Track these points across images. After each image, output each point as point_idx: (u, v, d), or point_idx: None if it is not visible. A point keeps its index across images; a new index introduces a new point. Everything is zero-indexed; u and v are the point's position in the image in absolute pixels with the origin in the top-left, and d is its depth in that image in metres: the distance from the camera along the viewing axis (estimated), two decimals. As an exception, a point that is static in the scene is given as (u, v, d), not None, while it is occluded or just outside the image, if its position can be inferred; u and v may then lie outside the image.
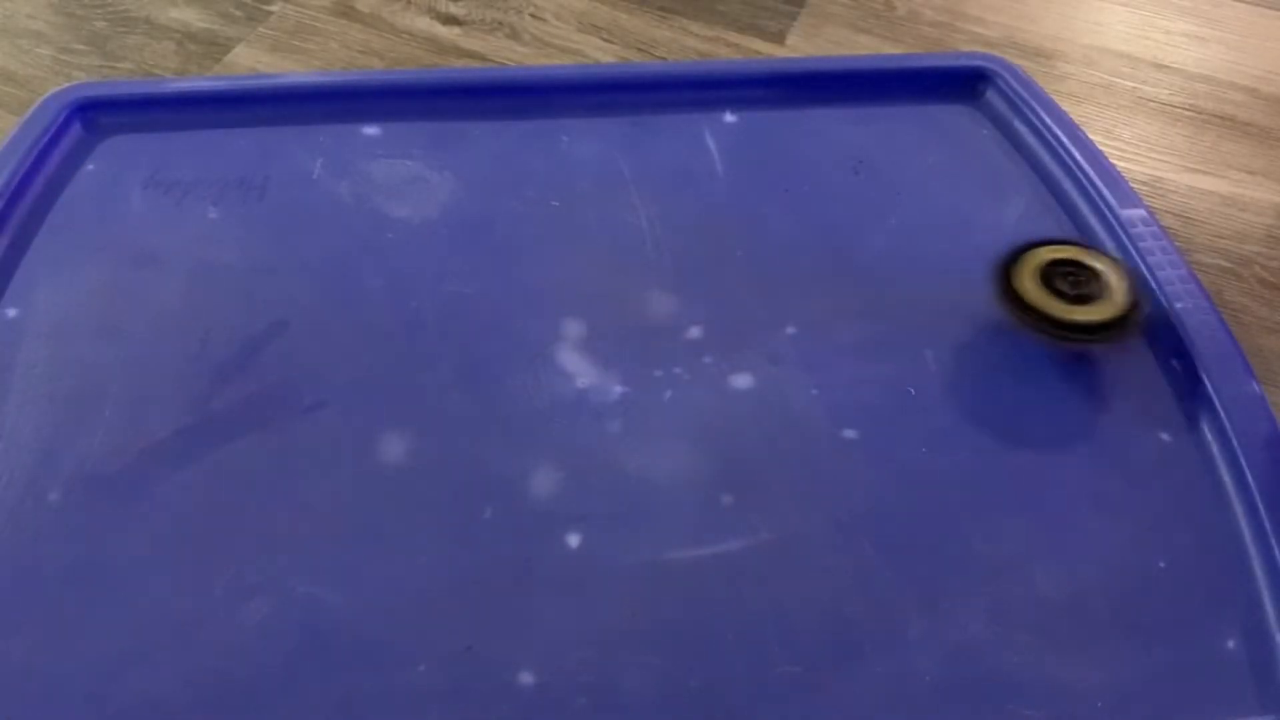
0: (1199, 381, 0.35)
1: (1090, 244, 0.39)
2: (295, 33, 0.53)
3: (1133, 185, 0.42)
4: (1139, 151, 0.50)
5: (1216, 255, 0.45)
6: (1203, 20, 0.58)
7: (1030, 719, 0.28)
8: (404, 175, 0.42)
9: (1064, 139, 0.43)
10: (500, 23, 0.55)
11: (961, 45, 0.55)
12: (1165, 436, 0.34)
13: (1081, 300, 0.35)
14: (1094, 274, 0.36)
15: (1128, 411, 0.35)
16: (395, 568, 0.30)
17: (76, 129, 0.43)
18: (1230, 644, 0.30)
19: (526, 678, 0.28)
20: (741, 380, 0.35)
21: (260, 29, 0.54)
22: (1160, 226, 0.40)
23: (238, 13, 0.55)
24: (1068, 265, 0.36)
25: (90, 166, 0.41)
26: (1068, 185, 0.42)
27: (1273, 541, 0.31)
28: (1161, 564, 0.31)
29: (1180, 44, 0.56)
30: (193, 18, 0.54)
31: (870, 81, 0.47)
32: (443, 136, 0.43)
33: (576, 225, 0.40)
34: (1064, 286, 0.36)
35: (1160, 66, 0.55)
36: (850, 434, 0.34)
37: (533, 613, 0.30)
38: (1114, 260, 0.37)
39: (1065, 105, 0.45)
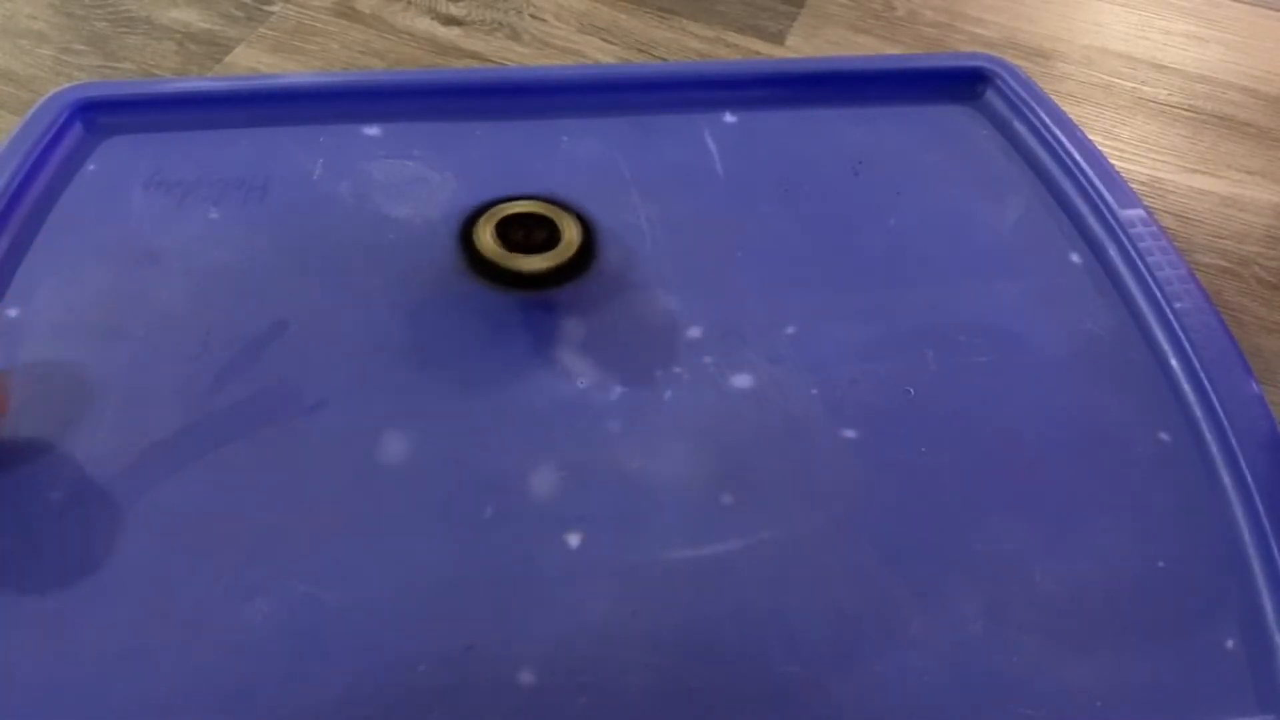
0: (1199, 381, 0.35)
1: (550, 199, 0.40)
2: (296, 33, 0.53)
3: (1132, 185, 0.42)
4: (1138, 151, 0.50)
5: (1216, 255, 0.45)
6: (1202, 20, 0.58)
7: (1030, 719, 0.28)
8: (404, 175, 0.42)
9: (1063, 139, 0.43)
10: (500, 23, 0.55)
11: (961, 45, 0.55)
12: (1165, 436, 0.34)
13: (534, 249, 0.38)
14: (549, 225, 0.38)
15: (1128, 411, 0.35)
16: (395, 567, 0.30)
17: (77, 129, 0.43)
18: (1230, 644, 0.30)
19: (526, 677, 0.28)
20: (741, 380, 0.35)
21: (261, 29, 0.54)
22: (1159, 226, 0.40)
23: (238, 13, 0.55)
24: (526, 219, 0.39)
25: (91, 166, 0.42)
26: (1067, 185, 0.42)
27: (1272, 541, 0.31)
28: (1161, 564, 0.31)
29: (1180, 44, 0.56)
30: (193, 18, 0.54)
31: (870, 81, 0.47)
32: (443, 136, 0.43)
33: (576, 225, 0.40)
34: (518, 238, 0.38)
35: (1160, 67, 0.55)
36: (850, 434, 0.34)
37: (533, 613, 0.30)
38: (571, 212, 0.39)
39: (1065, 105, 0.45)
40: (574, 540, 0.31)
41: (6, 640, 0.29)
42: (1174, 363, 0.36)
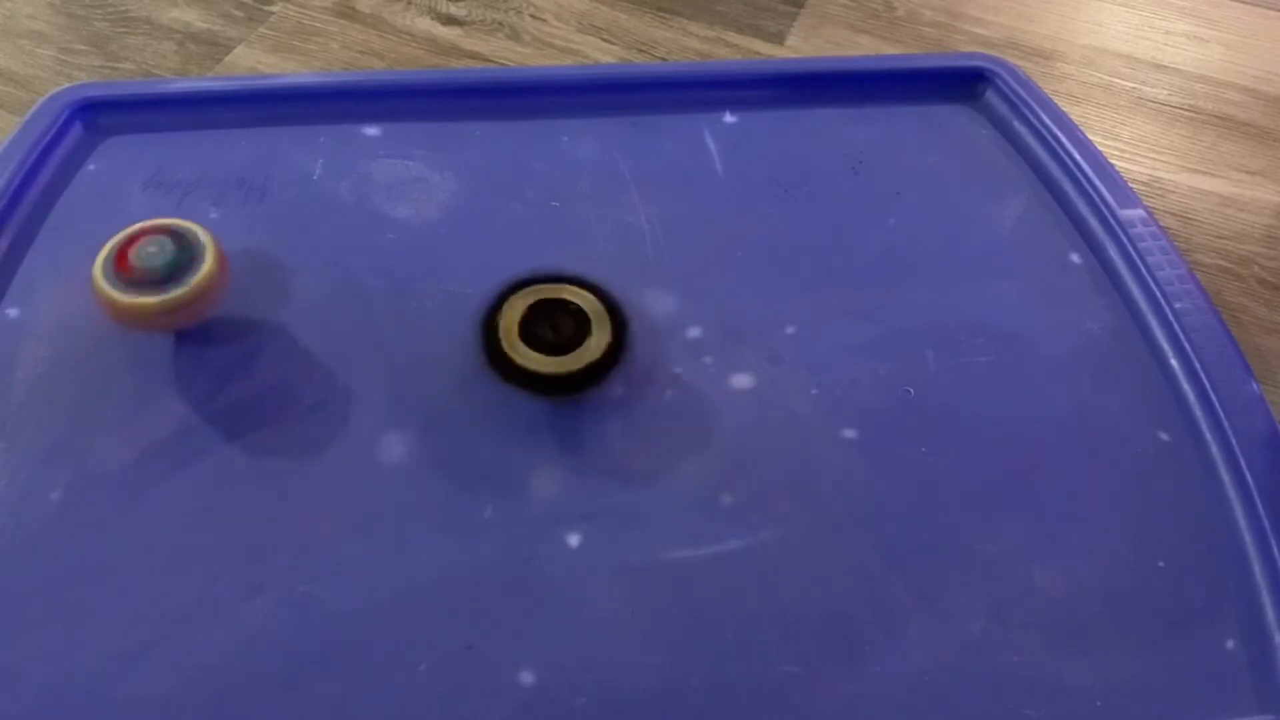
0: (1198, 381, 0.35)
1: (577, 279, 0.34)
2: (295, 33, 0.53)
3: (1132, 185, 0.42)
4: (1138, 151, 0.50)
5: (1216, 255, 0.45)
6: (1202, 20, 0.58)
7: (1030, 718, 0.28)
8: (404, 175, 0.42)
9: (1063, 139, 0.43)
10: (500, 23, 0.55)
11: (961, 46, 0.55)
12: (1165, 436, 0.34)
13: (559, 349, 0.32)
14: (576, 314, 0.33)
15: (1128, 411, 0.35)
16: (395, 567, 0.30)
17: (77, 129, 0.43)
18: (1229, 644, 0.30)
19: (526, 677, 0.28)
20: (741, 380, 0.35)
21: (261, 29, 0.54)
22: (1160, 226, 0.40)
23: (238, 13, 0.55)
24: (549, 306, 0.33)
25: (91, 166, 0.42)
26: (1067, 185, 0.42)
27: (1272, 541, 0.31)
28: (1161, 564, 0.31)
29: (1180, 44, 0.56)
30: (193, 18, 0.54)
31: (870, 81, 0.47)
32: (443, 136, 0.43)
33: (576, 225, 0.40)
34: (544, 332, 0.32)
35: (1160, 66, 0.55)
36: (850, 434, 0.34)
37: (533, 613, 0.30)
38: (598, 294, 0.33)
39: (1065, 105, 0.45)
40: (574, 540, 0.31)
41: (7, 640, 0.29)
42: (1174, 363, 0.36)
